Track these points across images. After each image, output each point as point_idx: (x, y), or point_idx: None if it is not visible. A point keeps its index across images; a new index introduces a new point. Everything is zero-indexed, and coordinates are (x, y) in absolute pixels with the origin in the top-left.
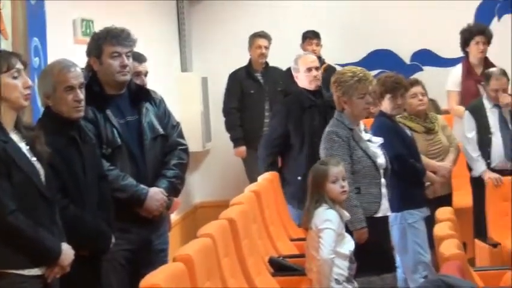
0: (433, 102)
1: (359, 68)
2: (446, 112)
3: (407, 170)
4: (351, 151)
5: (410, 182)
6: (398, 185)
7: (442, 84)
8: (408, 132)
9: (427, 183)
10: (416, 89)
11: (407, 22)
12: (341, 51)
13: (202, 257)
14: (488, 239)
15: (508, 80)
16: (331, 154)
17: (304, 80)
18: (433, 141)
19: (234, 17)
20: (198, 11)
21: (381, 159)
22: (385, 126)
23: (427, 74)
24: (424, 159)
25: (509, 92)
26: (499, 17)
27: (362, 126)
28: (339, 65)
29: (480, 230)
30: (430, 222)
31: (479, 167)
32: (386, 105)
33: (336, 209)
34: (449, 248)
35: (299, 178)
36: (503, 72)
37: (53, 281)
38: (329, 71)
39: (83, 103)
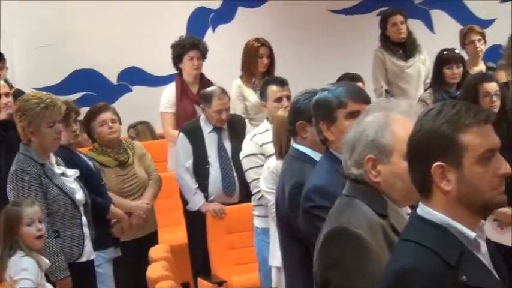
0: (147, 125)
1: (45, 93)
2: (162, 136)
3: None
4: (44, 190)
5: (93, 220)
6: None
7: (155, 105)
8: (90, 163)
9: (113, 221)
10: (105, 115)
11: (112, 38)
12: (36, 73)
13: None
14: (213, 277)
15: (229, 98)
16: (22, 196)
17: None
18: (128, 177)
19: None
20: None
21: (79, 195)
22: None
23: (137, 94)
24: (117, 198)
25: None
26: (214, 28)
27: (53, 159)
28: (35, 89)
29: (199, 267)
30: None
31: (198, 201)
32: (63, 135)
33: (33, 256)
34: None
35: None
36: (224, 91)
37: None
38: (18, 96)
39: None
